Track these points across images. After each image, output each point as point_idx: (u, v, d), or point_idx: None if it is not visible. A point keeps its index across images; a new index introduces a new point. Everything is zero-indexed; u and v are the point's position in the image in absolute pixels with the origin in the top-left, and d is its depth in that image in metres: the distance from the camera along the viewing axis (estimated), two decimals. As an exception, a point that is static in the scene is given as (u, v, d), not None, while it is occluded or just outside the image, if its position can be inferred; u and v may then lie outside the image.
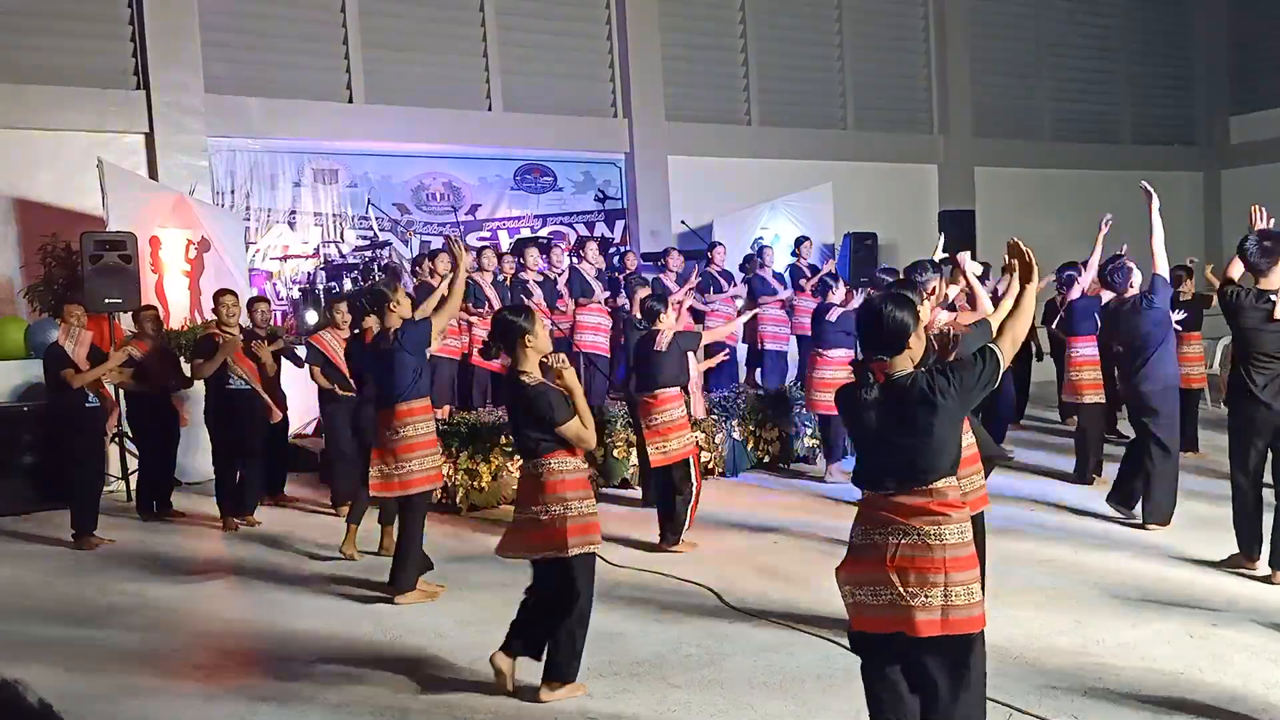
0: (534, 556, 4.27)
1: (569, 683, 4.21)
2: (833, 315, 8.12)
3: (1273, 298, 5.41)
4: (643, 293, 7.43)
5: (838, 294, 8.32)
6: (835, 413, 8.07)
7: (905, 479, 3.07)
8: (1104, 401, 7.99)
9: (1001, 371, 3.11)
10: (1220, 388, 9.47)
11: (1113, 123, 17.61)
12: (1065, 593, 5.23)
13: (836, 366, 8.19)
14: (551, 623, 4.20)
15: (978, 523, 3.39)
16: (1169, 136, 18.11)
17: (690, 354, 6.90)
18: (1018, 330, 3.22)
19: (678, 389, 6.57)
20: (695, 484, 6.46)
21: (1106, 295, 7.19)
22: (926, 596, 3.00)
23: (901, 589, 3.01)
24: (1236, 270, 5.72)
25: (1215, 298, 6.06)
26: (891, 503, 3.08)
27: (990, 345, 3.14)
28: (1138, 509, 6.65)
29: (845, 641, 4.58)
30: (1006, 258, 3.68)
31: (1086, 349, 7.90)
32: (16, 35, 10.18)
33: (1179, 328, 7.54)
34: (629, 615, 4.71)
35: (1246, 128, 17.86)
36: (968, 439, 4.27)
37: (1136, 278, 6.70)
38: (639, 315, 7.14)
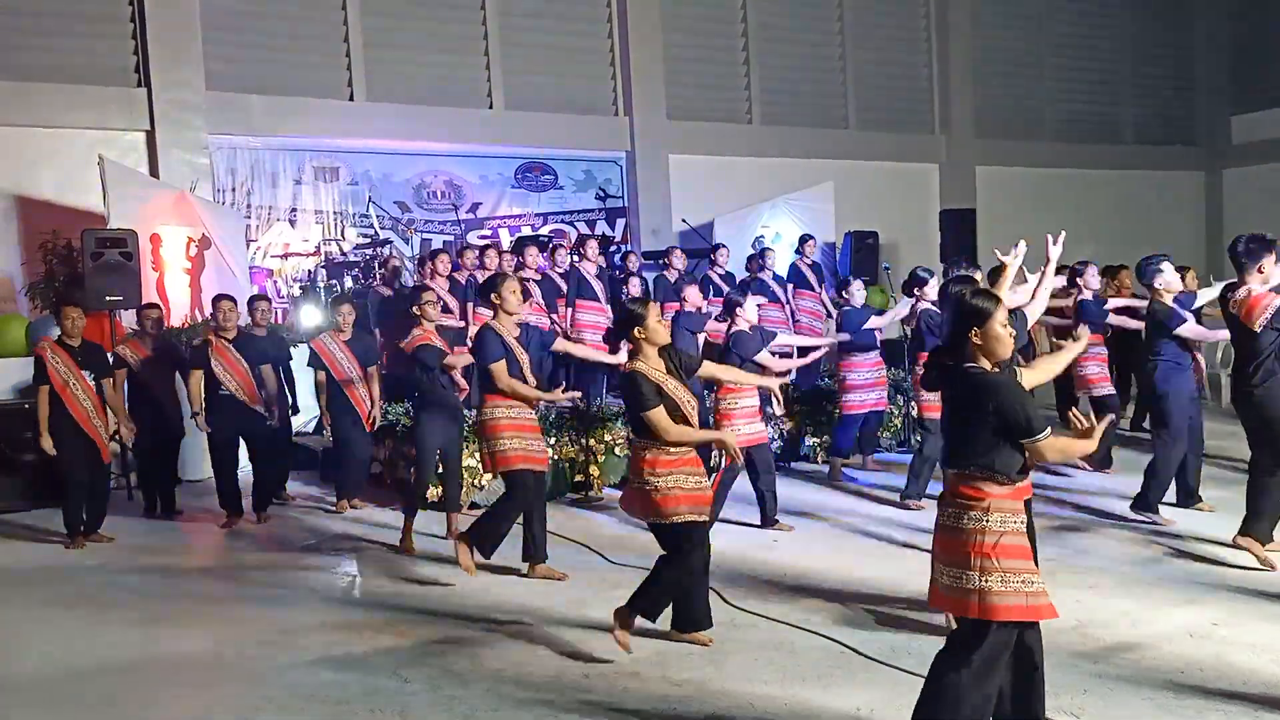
0: (638, 519, 4.68)
1: (636, 617, 4.50)
2: (873, 323, 8.26)
3: (1227, 294, 5.58)
4: (691, 292, 7.61)
5: (857, 296, 8.38)
6: (863, 411, 8.21)
7: (948, 461, 3.39)
8: (1110, 394, 7.96)
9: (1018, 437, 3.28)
10: (1219, 388, 9.40)
11: (1114, 122, 17.60)
12: (1065, 591, 5.22)
13: (867, 368, 8.30)
14: (659, 576, 4.56)
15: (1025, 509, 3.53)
16: (1170, 136, 18.11)
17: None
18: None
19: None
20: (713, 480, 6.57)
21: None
22: (941, 571, 3.34)
23: (933, 560, 3.40)
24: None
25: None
26: (946, 480, 3.42)
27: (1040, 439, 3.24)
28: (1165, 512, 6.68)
29: (846, 640, 4.61)
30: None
31: (1092, 346, 7.88)
32: (18, 33, 10.19)
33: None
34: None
35: (1248, 127, 17.85)
36: None
37: (1166, 278, 6.61)
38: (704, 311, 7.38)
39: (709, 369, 5.05)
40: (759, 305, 9.68)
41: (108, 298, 8.29)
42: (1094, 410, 7.92)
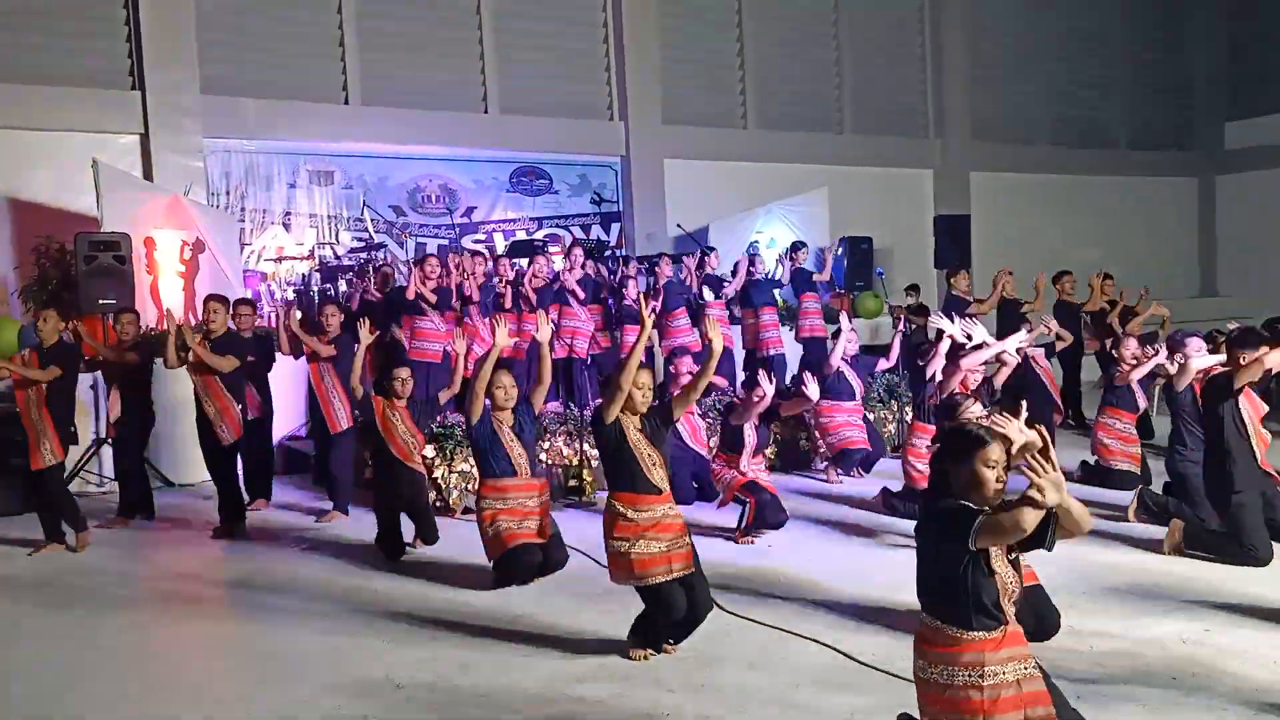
0: (618, 583, 4.74)
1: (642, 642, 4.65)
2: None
3: None
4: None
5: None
6: (856, 449, 8.22)
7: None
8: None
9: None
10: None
11: (1108, 128, 17.68)
12: (1058, 597, 5.22)
13: (845, 412, 8.44)
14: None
15: None
16: (1165, 142, 18.20)
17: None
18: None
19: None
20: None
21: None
22: None
23: None
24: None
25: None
26: None
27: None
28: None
29: (841, 645, 4.61)
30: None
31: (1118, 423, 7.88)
32: (12, 35, 10.18)
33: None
34: (624, 618, 4.71)
35: (1241, 134, 17.95)
36: None
37: (1190, 349, 6.63)
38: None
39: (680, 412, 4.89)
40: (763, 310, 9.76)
41: (101, 301, 8.27)
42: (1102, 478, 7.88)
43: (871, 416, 8.96)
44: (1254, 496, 5.75)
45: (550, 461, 7.88)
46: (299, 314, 10.06)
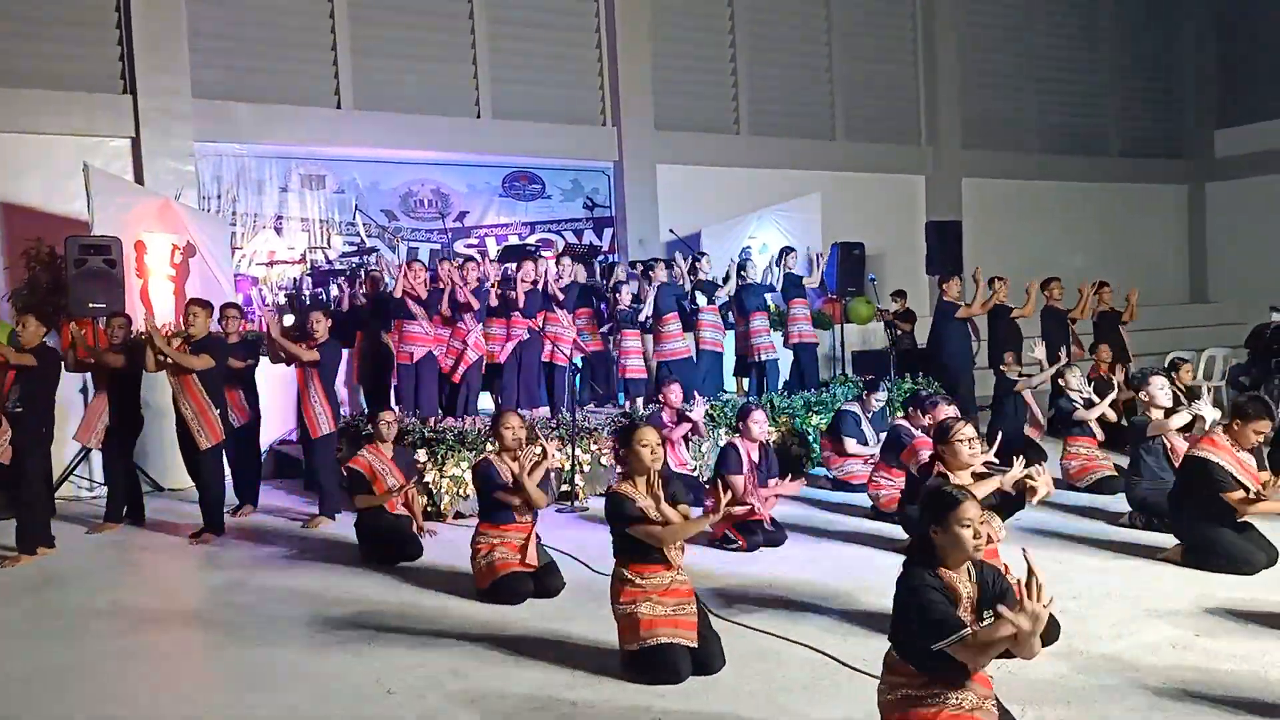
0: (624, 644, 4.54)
1: None
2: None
3: None
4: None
5: (875, 404, 8.47)
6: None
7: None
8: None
9: None
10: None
11: (1100, 135, 17.75)
12: (1051, 602, 5.23)
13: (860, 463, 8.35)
14: None
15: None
16: (1155, 149, 18.27)
17: None
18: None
19: None
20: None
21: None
22: None
23: None
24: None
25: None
26: None
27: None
28: None
29: (831, 650, 4.61)
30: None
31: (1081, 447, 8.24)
32: (3, 39, 10.15)
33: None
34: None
35: (1232, 141, 18.05)
36: None
37: (1154, 389, 6.84)
38: None
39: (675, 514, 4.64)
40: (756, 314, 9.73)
41: (91, 305, 8.23)
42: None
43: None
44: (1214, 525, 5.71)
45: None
46: (289, 318, 10.07)
